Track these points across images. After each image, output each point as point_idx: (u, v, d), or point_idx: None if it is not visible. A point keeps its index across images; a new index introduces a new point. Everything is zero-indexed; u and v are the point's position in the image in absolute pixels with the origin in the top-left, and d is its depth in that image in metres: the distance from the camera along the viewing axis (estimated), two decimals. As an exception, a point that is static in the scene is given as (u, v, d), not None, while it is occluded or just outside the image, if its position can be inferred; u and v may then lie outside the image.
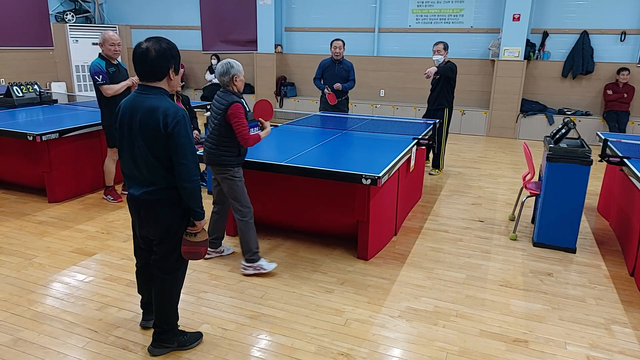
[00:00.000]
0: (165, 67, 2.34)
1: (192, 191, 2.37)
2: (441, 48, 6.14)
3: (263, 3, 10.33)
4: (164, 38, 2.37)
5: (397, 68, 10.01)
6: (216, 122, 3.32)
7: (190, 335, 2.72)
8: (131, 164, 2.40)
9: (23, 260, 3.73)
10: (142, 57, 2.30)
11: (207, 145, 3.41)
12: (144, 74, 2.34)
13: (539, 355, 2.71)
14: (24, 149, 4.98)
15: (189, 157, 2.32)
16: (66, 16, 11.05)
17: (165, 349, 2.64)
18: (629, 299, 3.34)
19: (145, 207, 2.42)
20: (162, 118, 2.27)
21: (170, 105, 2.32)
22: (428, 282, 3.52)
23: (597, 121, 8.58)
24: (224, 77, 3.29)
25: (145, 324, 2.86)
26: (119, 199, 5.07)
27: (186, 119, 2.33)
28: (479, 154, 7.72)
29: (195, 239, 2.51)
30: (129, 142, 2.38)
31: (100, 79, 4.61)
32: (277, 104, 10.80)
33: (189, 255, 2.54)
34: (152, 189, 2.37)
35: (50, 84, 10.86)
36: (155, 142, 2.30)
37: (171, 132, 2.27)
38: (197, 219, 2.47)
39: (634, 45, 8.49)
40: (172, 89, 2.45)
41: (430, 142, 4.83)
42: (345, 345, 2.76)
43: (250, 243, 3.47)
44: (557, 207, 3.97)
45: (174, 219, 2.45)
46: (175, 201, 2.42)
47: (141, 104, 2.31)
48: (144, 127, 2.30)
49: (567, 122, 4.05)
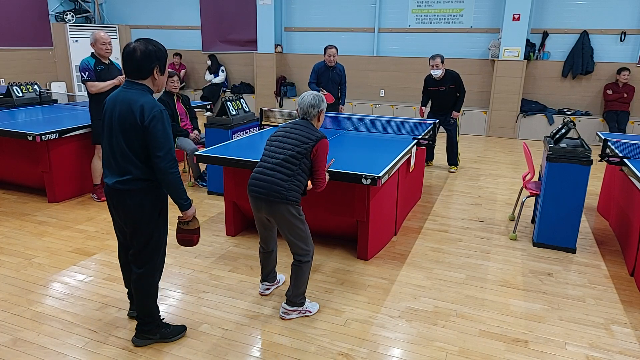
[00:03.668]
0: (150, 67, 2.46)
1: (171, 183, 2.45)
2: (439, 62, 6.18)
3: (263, 3, 10.33)
4: (153, 40, 2.50)
5: (397, 68, 10.01)
6: (293, 153, 2.86)
7: (173, 328, 2.80)
8: (109, 154, 2.51)
9: (23, 260, 3.73)
10: (128, 56, 2.44)
11: (270, 175, 2.86)
12: (130, 72, 2.47)
13: (539, 355, 2.71)
14: (24, 149, 4.98)
15: (165, 150, 2.41)
16: (66, 16, 11.05)
17: (148, 340, 2.74)
18: (628, 299, 3.34)
19: (116, 196, 2.52)
20: (139, 112, 2.38)
21: (149, 100, 2.43)
22: (428, 282, 3.52)
23: (597, 121, 8.58)
24: (311, 109, 2.96)
25: (132, 313, 2.97)
26: (103, 198, 5.09)
27: (164, 115, 2.42)
28: (479, 154, 7.72)
29: (188, 227, 2.63)
30: (108, 133, 2.49)
31: (86, 76, 4.70)
32: (276, 104, 10.80)
33: (183, 242, 2.68)
34: (124, 179, 2.47)
35: (50, 84, 10.86)
36: (131, 134, 2.41)
37: (147, 125, 2.38)
38: (183, 210, 2.57)
39: (634, 45, 8.49)
40: (157, 88, 2.56)
41: (430, 142, 4.83)
42: (345, 345, 2.76)
43: (304, 286, 3.02)
44: (557, 207, 3.97)
45: (145, 210, 2.52)
46: (145, 192, 2.50)
47: (123, 97, 2.44)
48: (122, 119, 2.41)
49: (567, 122, 4.04)
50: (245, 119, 5.51)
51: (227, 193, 4.15)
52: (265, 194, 2.83)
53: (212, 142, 5.08)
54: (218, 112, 5.40)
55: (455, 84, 6.26)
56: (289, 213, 2.84)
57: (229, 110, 5.31)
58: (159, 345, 2.73)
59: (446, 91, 6.30)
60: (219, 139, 5.06)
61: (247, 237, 4.23)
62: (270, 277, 3.30)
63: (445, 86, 6.27)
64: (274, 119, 7.62)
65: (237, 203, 4.17)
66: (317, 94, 3.00)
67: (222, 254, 3.89)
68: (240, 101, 5.63)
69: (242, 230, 4.34)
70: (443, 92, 6.33)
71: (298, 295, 3.01)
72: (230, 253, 3.92)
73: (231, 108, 5.35)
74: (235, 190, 4.10)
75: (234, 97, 5.56)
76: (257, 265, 3.70)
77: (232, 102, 5.42)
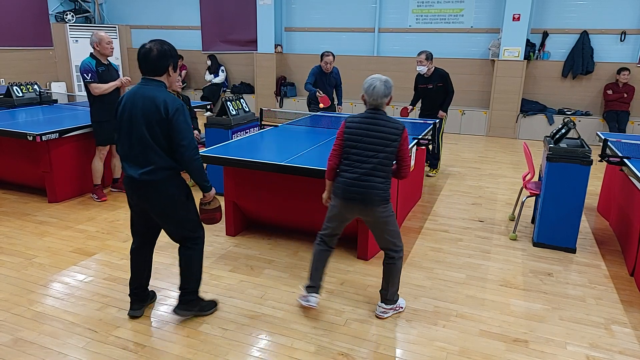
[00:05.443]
0: (165, 64, 2.67)
1: (195, 169, 2.68)
2: (423, 59, 6.08)
3: (263, 3, 10.33)
4: (165, 40, 2.73)
5: (397, 68, 10.00)
6: (386, 155, 2.76)
7: (208, 302, 3.05)
8: (129, 147, 2.67)
9: (23, 260, 3.73)
10: (145, 56, 2.64)
11: (366, 180, 2.76)
12: (146, 70, 2.66)
13: (539, 355, 2.71)
14: (24, 149, 4.98)
15: (189, 140, 2.62)
16: (66, 16, 11.05)
17: (189, 311, 2.95)
18: (628, 299, 3.34)
19: (144, 187, 2.68)
20: (162, 106, 2.57)
21: (170, 95, 2.64)
22: (428, 282, 3.52)
23: (597, 121, 8.57)
24: (385, 98, 2.78)
25: (134, 313, 2.99)
26: (103, 198, 5.09)
27: (184, 108, 2.64)
28: (479, 154, 7.72)
29: (209, 207, 2.90)
30: (129, 128, 2.64)
31: (89, 77, 4.71)
32: (277, 104, 10.80)
33: (206, 220, 2.93)
34: (149, 169, 2.64)
35: (50, 84, 10.87)
36: (155, 127, 2.59)
37: (172, 118, 2.57)
38: (206, 191, 2.82)
39: (634, 45, 8.49)
40: (170, 84, 2.75)
41: (430, 142, 4.83)
42: (345, 345, 2.76)
43: (398, 282, 3.01)
44: (557, 207, 3.97)
45: (174, 197, 2.74)
46: (171, 180, 2.71)
47: (143, 93, 2.62)
48: (147, 113, 2.58)
49: (567, 122, 4.04)
50: (245, 119, 5.51)
51: (227, 193, 4.15)
52: (362, 200, 2.79)
53: (212, 142, 5.08)
54: (218, 112, 5.40)
55: (443, 83, 6.14)
56: (385, 212, 2.84)
57: (229, 110, 5.31)
58: (159, 345, 2.73)
59: (434, 89, 6.17)
60: (219, 139, 5.06)
61: (247, 237, 4.24)
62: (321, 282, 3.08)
63: (433, 84, 6.15)
64: (274, 119, 7.62)
65: (237, 203, 4.17)
66: (387, 78, 2.81)
67: (222, 254, 3.89)
68: (240, 101, 5.63)
69: (242, 230, 4.35)
70: (430, 90, 6.20)
71: (394, 293, 3.02)
72: (230, 253, 3.92)
73: (231, 108, 5.36)
74: (235, 190, 4.10)
75: (234, 97, 5.56)
76: (258, 265, 3.70)
77: (232, 102, 5.43)
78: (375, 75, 2.84)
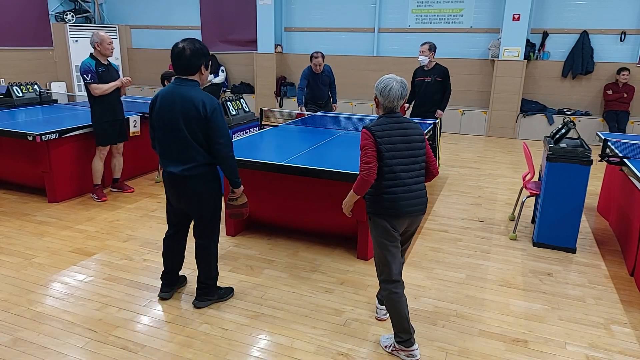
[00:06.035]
0: (198, 63, 2.77)
1: (229, 166, 2.84)
2: (426, 49, 5.94)
3: (263, 3, 10.33)
4: (196, 39, 2.80)
5: (397, 68, 9.99)
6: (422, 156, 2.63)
7: (225, 289, 3.22)
8: (170, 146, 2.80)
9: (23, 260, 3.73)
10: (179, 55, 2.72)
11: (417, 189, 2.62)
12: (180, 69, 2.76)
13: (539, 355, 2.71)
14: (24, 149, 4.98)
15: (226, 137, 2.77)
16: (66, 16, 11.05)
17: (208, 301, 3.11)
18: (628, 299, 3.34)
19: (184, 182, 2.84)
20: (201, 105, 2.69)
21: (207, 95, 2.76)
22: (428, 282, 3.52)
23: (597, 121, 8.58)
24: (401, 100, 2.61)
25: (163, 295, 3.18)
26: (103, 198, 5.09)
27: (221, 107, 2.78)
28: (478, 154, 7.72)
29: (237, 202, 3.04)
30: (169, 127, 2.77)
31: (89, 78, 4.71)
32: (276, 104, 10.80)
33: (234, 215, 3.07)
34: (190, 166, 2.79)
35: (50, 84, 10.87)
36: (195, 125, 2.71)
37: (210, 116, 2.71)
38: (236, 187, 2.95)
39: (633, 45, 8.49)
40: (202, 82, 2.85)
41: (430, 142, 4.83)
42: (345, 345, 2.76)
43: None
44: (557, 207, 3.97)
45: (212, 191, 2.92)
46: (208, 175, 2.87)
47: (180, 93, 2.73)
48: (186, 113, 2.71)
49: (567, 122, 4.04)
50: (245, 119, 5.51)
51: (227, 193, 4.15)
52: (422, 211, 2.66)
53: (212, 142, 5.07)
54: (218, 112, 5.39)
55: (442, 78, 6.01)
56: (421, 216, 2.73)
57: (229, 110, 5.31)
58: (159, 345, 2.73)
59: (431, 82, 6.03)
60: (219, 139, 5.05)
61: (247, 237, 4.24)
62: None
63: (431, 77, 6.01)
64: (274, 119, 7.62)
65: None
66: (402, 79, 2.63)
67: (222, 254, 3.89)
68: (240, 101, 5.63)
69: (242, 230, 4.35)
70: (428, 84, 6.06)
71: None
72: (230, 253, 3.92)
73: (231, 108, 5.36)
74: (235, 190, 4.10)
75: (234, 97, 5.56)
76: (257, 265, 3.71)
77: (232, 102, 5.43)
78: (389, 76, 2.64)
